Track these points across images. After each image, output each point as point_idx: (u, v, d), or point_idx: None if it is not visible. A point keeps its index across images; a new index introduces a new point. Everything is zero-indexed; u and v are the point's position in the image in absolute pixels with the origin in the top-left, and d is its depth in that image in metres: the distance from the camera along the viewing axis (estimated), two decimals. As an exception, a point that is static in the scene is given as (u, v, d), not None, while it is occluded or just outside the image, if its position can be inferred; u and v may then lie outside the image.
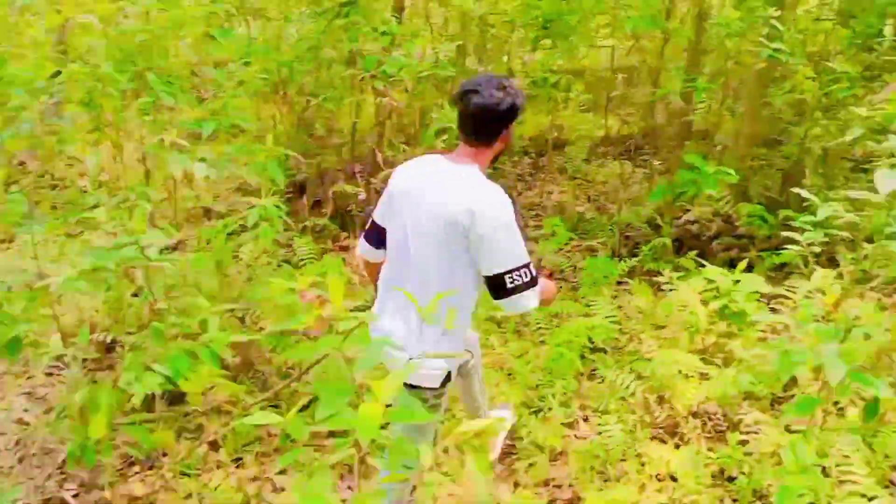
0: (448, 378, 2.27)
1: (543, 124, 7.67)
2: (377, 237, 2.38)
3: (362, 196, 5.48)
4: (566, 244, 5.27)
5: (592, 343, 3.88)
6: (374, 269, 2.48)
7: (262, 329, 3.83)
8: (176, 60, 4.45)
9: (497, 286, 2.13)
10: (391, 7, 5.70)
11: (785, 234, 3.35)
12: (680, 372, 3.37)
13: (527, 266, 2.13)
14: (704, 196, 5.08)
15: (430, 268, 2.16)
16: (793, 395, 3.30)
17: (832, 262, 4.13)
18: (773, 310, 3.78)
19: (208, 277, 3.89)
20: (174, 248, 4.80)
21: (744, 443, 2.97)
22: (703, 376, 3.37)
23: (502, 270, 2.10)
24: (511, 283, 2.11)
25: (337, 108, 5.63)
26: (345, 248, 5.34)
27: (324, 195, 5.78)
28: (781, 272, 4.57)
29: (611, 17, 5.15)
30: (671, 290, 3.97)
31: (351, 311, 1.66)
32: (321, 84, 5.37)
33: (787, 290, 3.68)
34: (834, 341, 2.17)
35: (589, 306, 4.23)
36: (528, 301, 2.17)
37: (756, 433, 2.95)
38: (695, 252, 4.82)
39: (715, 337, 3.70)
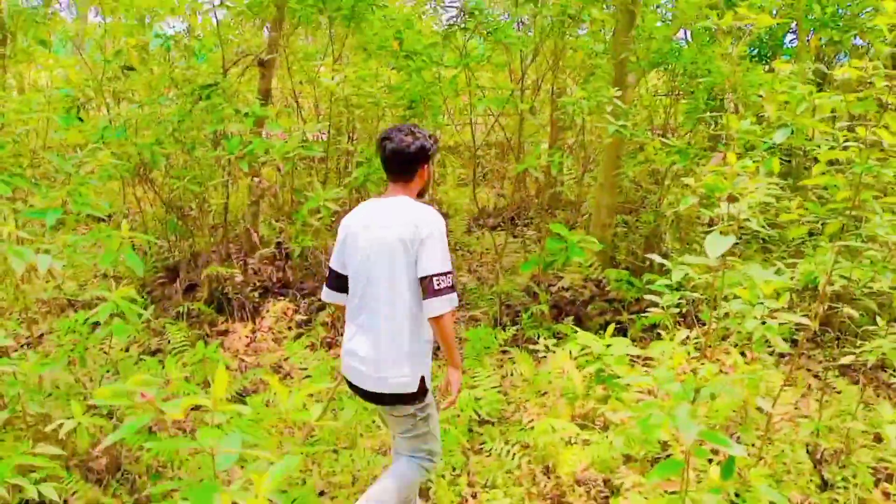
0: (424, 384, 2.58)
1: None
2: (336, 283, 2.74)
3: (239, 278, 5.29)
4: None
5: (479, 415, 3.86)
6: (341, 308, 2.79)
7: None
8: (18, 146, 4.20)
9: (426, 287, 2.46)
10: (256, 90, 5.68)
11: (649, 290, 3.52)
12: (562, 439, 3.39)
13: (450, 273, 2.50)
14: (575, 263, 5.29)
15: (385, 288, 2.53)
16: (669, 455, 3.39)
17: (699, 321, 4.36)
18: (646, 371, 3.92)
19: (65, 374, 3.56)
20: (28, 345, 4.42)
21: (626, 507, 2.99)
22: (585, 442, 3.40)
23: (432, 273, 2.45)
24: (437, 285, 2.45)
25: (207, 189, 5.47)
26: (223, 333, 5.09)
27: (198, 278, 5.54)
28: (653, 332, 4.78)
29: (469, 97, 5.37)
30: (545, 356, 4.05)
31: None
32: (189, 166, 5.22)
33: (651, 351, 3.82)
34: (686, 402, 2.24)
35: (474, 377, 4.22)
36: (444, 305, 2.47)
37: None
38: (571, 318, 4.97)
39: (593, 402, 3.77)
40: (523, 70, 5.29)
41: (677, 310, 3.59)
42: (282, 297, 5.44)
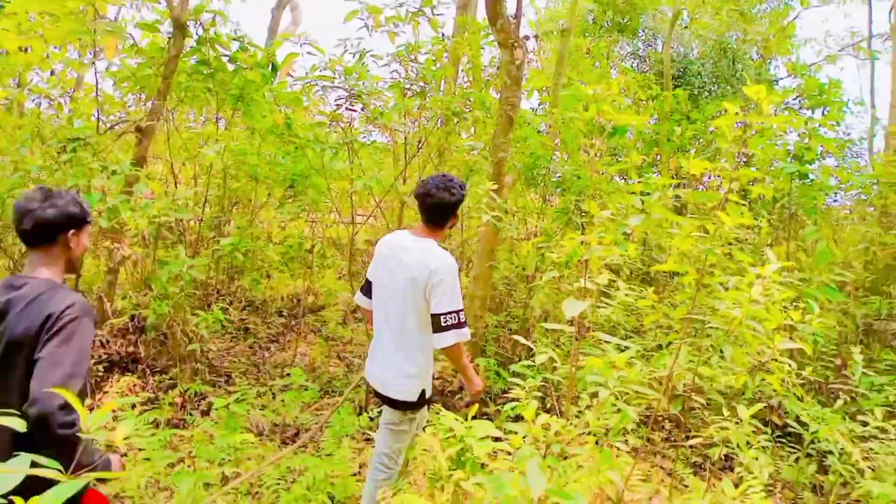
0: (423, 397, 3.16)
1: (299, 287, 7.63)
2: (368, 289, 3.27)
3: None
4: (314, 402, 5.06)
5: (333, 498, 3.61)
6: (369, 314, 3.34)
7: None
8: None
9: (436, 323, 2.95)
10: (131, 156, 5.48)
11: (514, 381, 3.53)
12: (417, 521, 3.20)
13: (459, 311, 2.96)
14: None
15: (398, 312, 3.05)
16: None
17: (561, 413, 4.39)
18: (508, 456, 3.86)
19: None
20: None
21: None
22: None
23: (442, 311, 2.92)
24: (444, 322, 2.93)
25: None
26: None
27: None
28: (518, 423, 4.75)
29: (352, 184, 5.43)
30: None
31: None
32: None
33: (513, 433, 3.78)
34: (536, 457, 2.21)
35: (330, 455, 3.99)
36: (451, 338, 2.96)
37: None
38: (439, 405, 4.87)
39: (453, 485, 3.63)
40: (407, 157, 5.44)
41: (540, 402, 3.61)
42: (130, 373, 5.01)
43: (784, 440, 4.85)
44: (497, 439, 3.93)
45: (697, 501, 3.65)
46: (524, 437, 3.64)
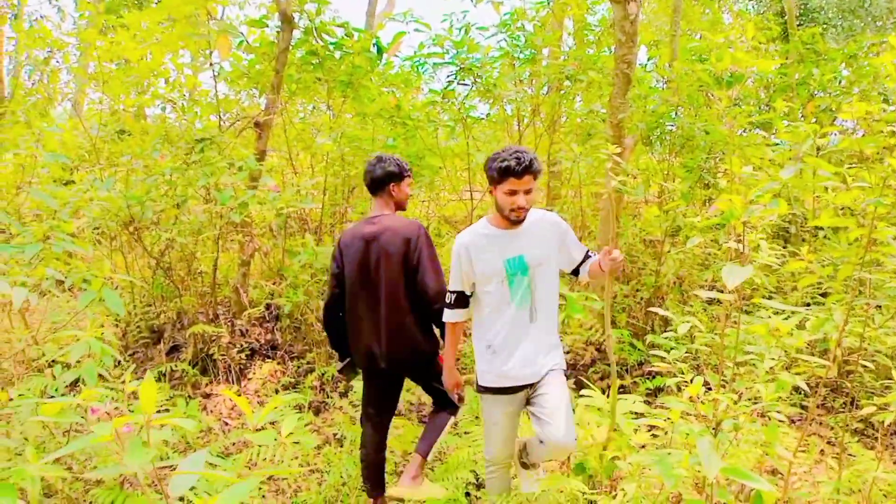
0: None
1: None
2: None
3: (225, 338, 5.08)
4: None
5: (476, 476, 3.61)
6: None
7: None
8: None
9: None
10: (253, 150, 5.65)
11: (653, 353, 3.38)
12: (568, 500, 3.13)
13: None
14: (575, 325, 5.13)
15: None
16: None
17: (707, 384, 4.18)
18: (653, 435, 3.71)
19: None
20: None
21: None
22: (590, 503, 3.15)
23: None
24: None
25: (196, 247, 5.33)
26: (207, 396, 4.83)
27: (183, 339, 5.33)
28: (656, 398, 4.57)
29: (467, 159, 5.33)
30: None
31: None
32: (179, 223, 5.10)
33: (661, 407, 3.63)
34: (708, 436, 2.06)
35: (468, 433, 3.97)
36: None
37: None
38: (571, 381, 4.76)
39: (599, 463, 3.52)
40: (521, 128, 5.29)
41: (681, 375, 3.43)
42: (269, 360, 5.21)
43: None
44: (639, 414, 3.79)
45: (871, 470, 3.37)
46: (684, 414, 3.49)
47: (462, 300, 2.92)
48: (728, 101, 4.41)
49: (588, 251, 2.99)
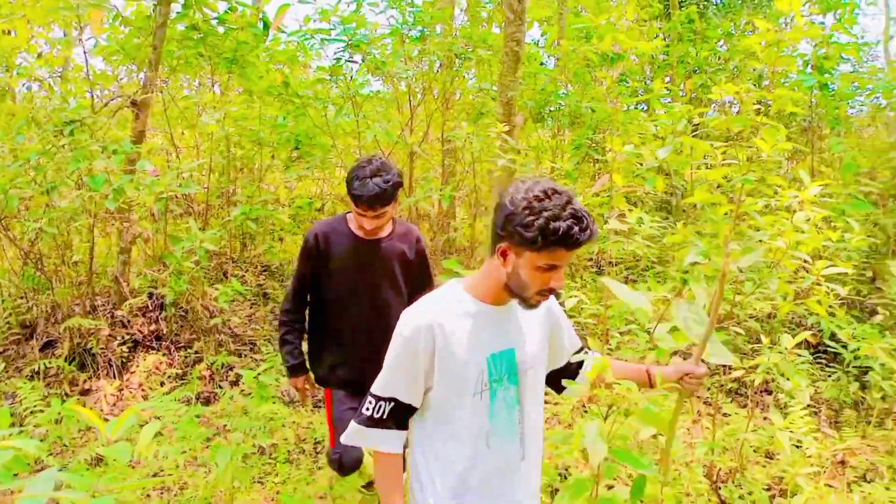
0: None
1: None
2: None
3: (105, 331, 4.80)
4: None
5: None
6: None
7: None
8: None
9: None
10: (129, 133, 5.33)
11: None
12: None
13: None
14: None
15: None
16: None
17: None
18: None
19: None
20: None
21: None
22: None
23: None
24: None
25: (69, 235, 4.99)
26: (86, 392, 4.56)
27: (58, 334, 4.99)
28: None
29: (358, 138, 5.23)
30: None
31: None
32: (49, 211, 4.75)
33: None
34: (598, 419, 2.11)
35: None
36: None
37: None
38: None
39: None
40: (412, 106, 5.25)
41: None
42: (154, 351, 4.97)
43: (822, 359, 4.76)
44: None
45: (742, 431, 3.60)
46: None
47: (399, 416, 1.72)
48: (611, 81, 4.52)
49: (584, 346, 2.02)
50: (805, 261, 2.92)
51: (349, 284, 2.83)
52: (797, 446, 3.49)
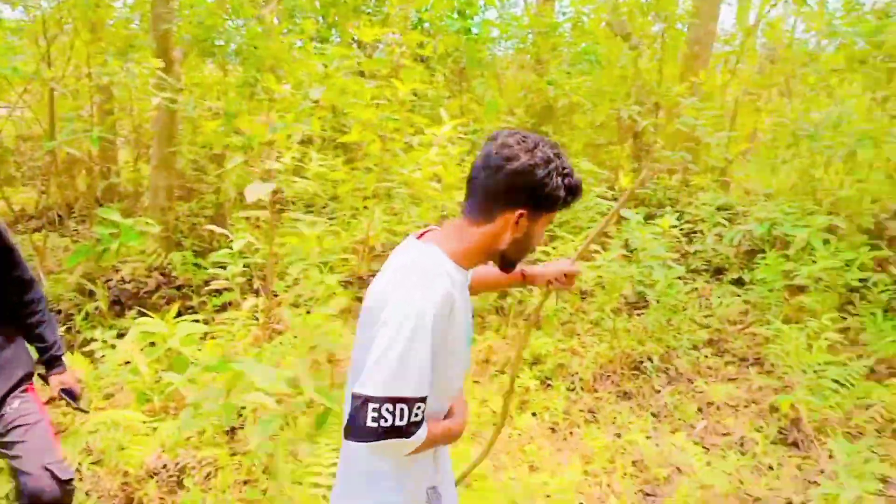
0: None
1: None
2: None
3: None
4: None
5: None
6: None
7: None
8: None
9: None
10: None
11: (214, 271, 3.42)
12: (129, 430, 3.06)
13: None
14: (136, 252, 4.86)
15: None
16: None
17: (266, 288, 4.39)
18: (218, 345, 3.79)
19: None
20: None
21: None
22: (154, 430, 3.13)
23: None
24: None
25: None
26: None
27: None
28: (226, 311, 4.65)
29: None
30: (104, 354, 3.65)
31: None
32: None
33: (224, 323, 3.73)
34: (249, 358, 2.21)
35: None
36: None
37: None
38: (135, 311, 4.54)
39: (163, 388, 3.49)
40: (48, 37, 4.60)
41: (244, 280, 3.54)
42: None
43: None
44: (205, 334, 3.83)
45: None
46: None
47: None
48: (271, 18, 4.48)
49: None
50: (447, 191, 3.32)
51: None
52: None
